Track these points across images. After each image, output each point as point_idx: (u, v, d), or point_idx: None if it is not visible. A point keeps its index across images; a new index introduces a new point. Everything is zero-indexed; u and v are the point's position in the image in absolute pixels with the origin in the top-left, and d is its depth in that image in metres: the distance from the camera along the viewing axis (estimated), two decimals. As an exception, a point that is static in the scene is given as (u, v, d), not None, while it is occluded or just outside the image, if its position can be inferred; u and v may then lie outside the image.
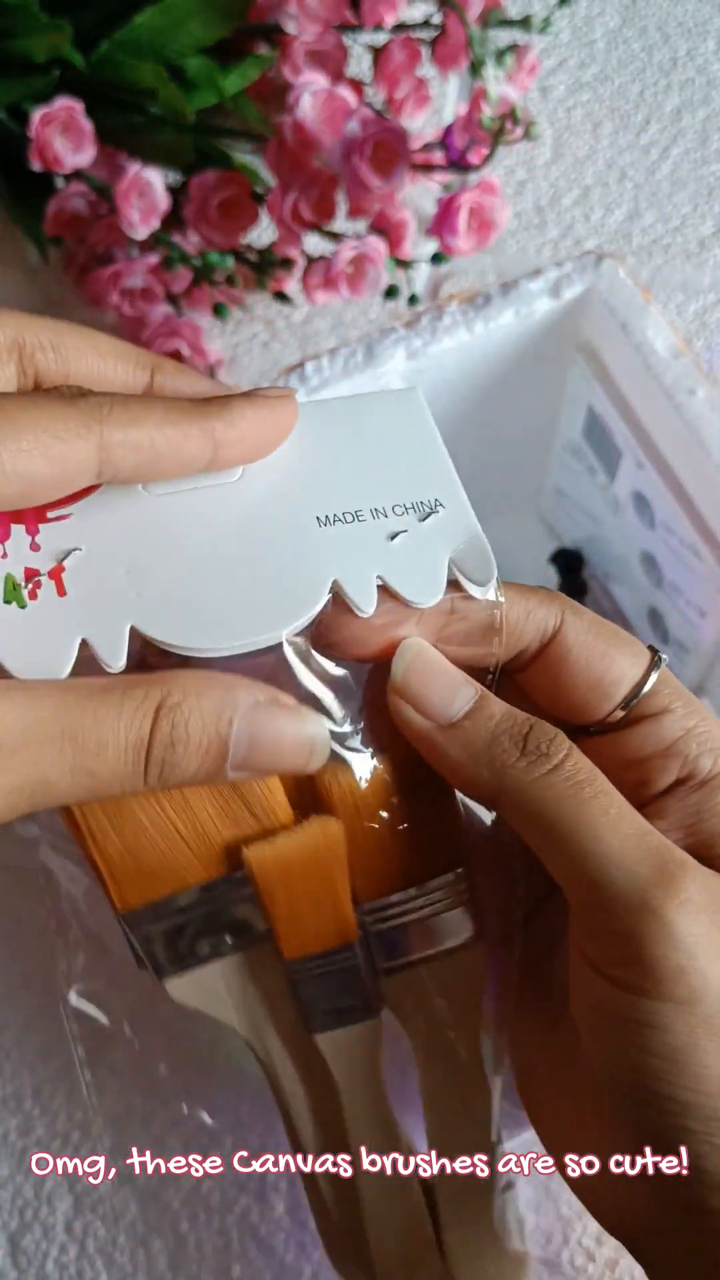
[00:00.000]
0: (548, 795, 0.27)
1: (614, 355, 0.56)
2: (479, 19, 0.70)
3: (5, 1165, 0.57)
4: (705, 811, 0.29)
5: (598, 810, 0.27)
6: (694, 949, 0.26)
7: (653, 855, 0.27)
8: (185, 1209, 0.56)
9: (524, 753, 0.28)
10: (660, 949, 0.26)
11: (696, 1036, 0.26)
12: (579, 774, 0.28)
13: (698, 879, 0.27)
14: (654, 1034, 0.27)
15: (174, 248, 0.72)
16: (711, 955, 0.26)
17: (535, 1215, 0.55)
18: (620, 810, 0.28)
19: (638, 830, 0.27)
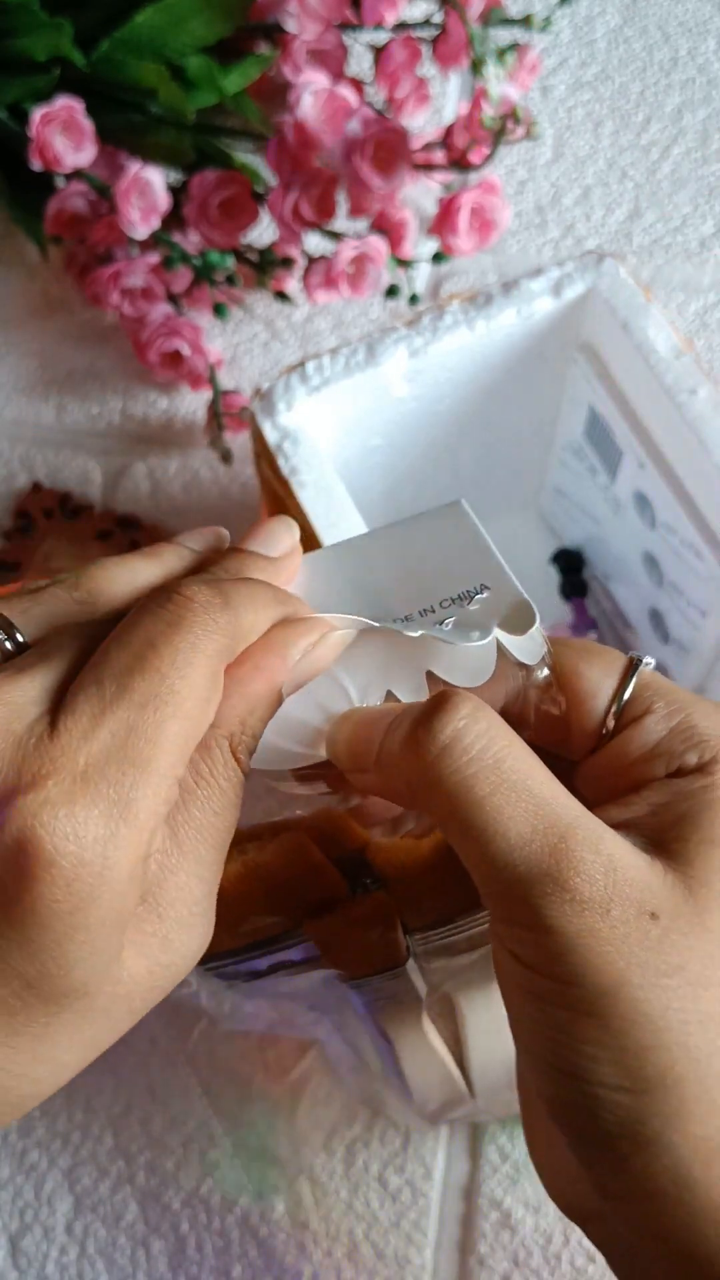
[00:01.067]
0: (441, 790, 0.27)
1: (615, 355, 0.55)
2: (480, 18, 0.70)
3: (6, 1166, 0.57)
4: (678, 794, 0.29)
5: (489, 809, 0.27)
6: (573, 940, 0.26)
7: (541, 854, 0.27)
8: (185, 1210, 0.56)
9: (414, 743, 0.28)
10: (535, 943, 0.27)
11: (575, 1016, 0.27)
12: (469, 762, 0.27)
13: (591, 871, 0.26)
14: (538, 1007, 0.27)
15: (174, 247, 0.72)
16: (593, 946, 0.26)
17: (535, 1215, 0.55)
18: (516, 802, 0.27)
19: (530, 827, 0.27)
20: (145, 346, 0.72)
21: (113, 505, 0.73)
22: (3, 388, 0.77)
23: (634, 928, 0.26)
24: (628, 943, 0.26)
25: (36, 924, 0.23)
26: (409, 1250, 0.55)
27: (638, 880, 0.27)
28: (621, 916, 0.26)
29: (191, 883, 0.27)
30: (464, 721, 0.27)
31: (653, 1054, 0.26)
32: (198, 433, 0.74)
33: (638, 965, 0.26)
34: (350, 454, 0.57)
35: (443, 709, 0.27)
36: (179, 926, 0.27)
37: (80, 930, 0.24)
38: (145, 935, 0.26)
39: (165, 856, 0.27)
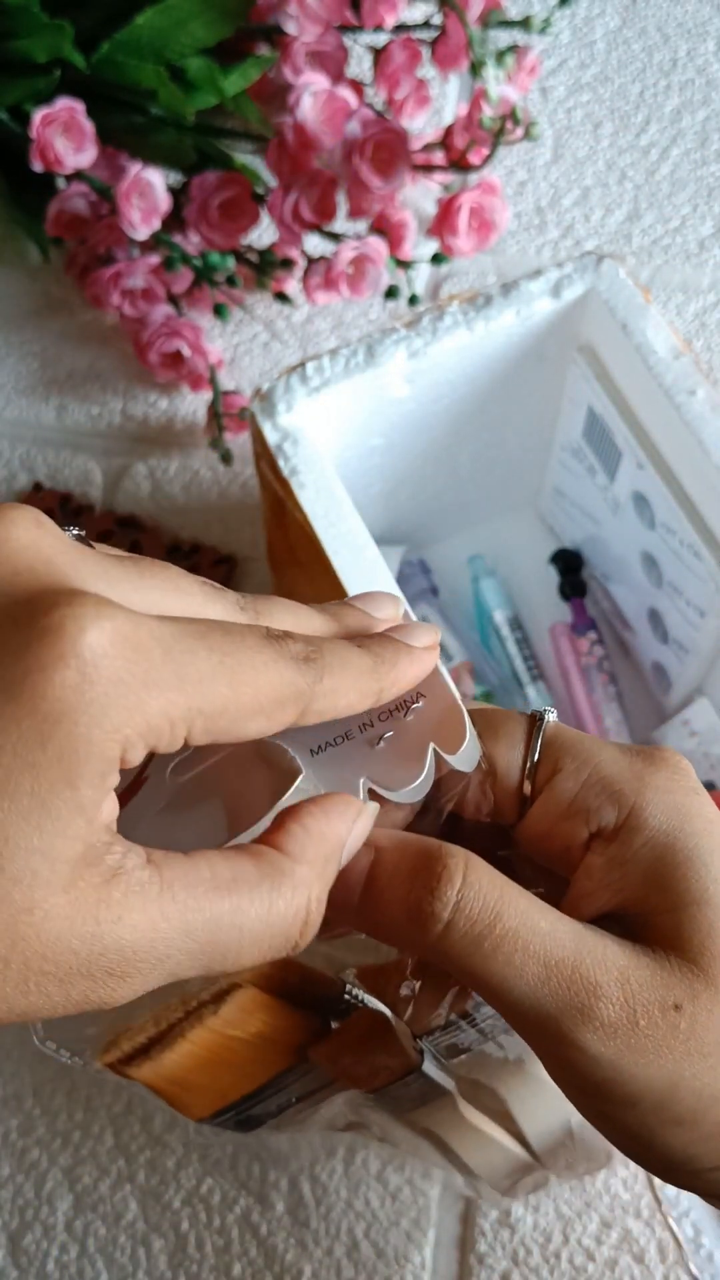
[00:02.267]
0: (452, 956, 0.28)
1: (614, 356, 0.56)
2: (479, 20, 0.70)
3: (6, 1165, 0.58)
4: (627, 862, 0.29)
5: (500, 961, 0.27)
6: (617, 1063, 0.27)
7: (560, 990, 0.27)
8: (185, 1208, 0.56)
9: (415, 921, 0.28)
10: (587, 1070, 0.28)
11: (649, 1128, 0.28)
12: (473, 926, 0.27)
13: (609, 992, 0.27)
14: (613, 1126, 0.29)
15: (175, 248, 0.72)
16: (636, 1060, 0.27)
17: (534, 1214, 0.55)
18: (524, 950, 0.28)
19: (543, 967, 0.27)
20: (146, 347, 0.72)
21: (113, 506, 0.73)
22: (3, 388, 0.77)
23: (664, 1027, 0.27)
24: (665, 1043, 0.27)
25: (33, 694, 0.22)
26: (409, 1248, 0.55)
27: (651, 980, 0.28)
28: (649, 1022, 0.27)
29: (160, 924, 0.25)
30: (461, 891, 0.28)
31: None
32: (198, 433, 0.74)
33: (683, 1058, 0.27)
34: (350, 454, 0.57)
35: (439, 883, 0.28)
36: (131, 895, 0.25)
37: (70, 725, 0.22)
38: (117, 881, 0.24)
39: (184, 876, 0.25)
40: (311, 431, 0.52)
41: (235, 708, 0.25)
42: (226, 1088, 0.37)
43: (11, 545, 0.24)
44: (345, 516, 0.50)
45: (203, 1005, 0.34)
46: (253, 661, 0.25)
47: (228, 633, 0.25)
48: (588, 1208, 0.55)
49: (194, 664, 0.24)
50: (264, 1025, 0.35)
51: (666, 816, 0.29)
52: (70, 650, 0.22)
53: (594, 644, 0.66)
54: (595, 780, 0.29)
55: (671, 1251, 0.54)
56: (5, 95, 0.73)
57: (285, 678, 0.25)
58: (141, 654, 0.23)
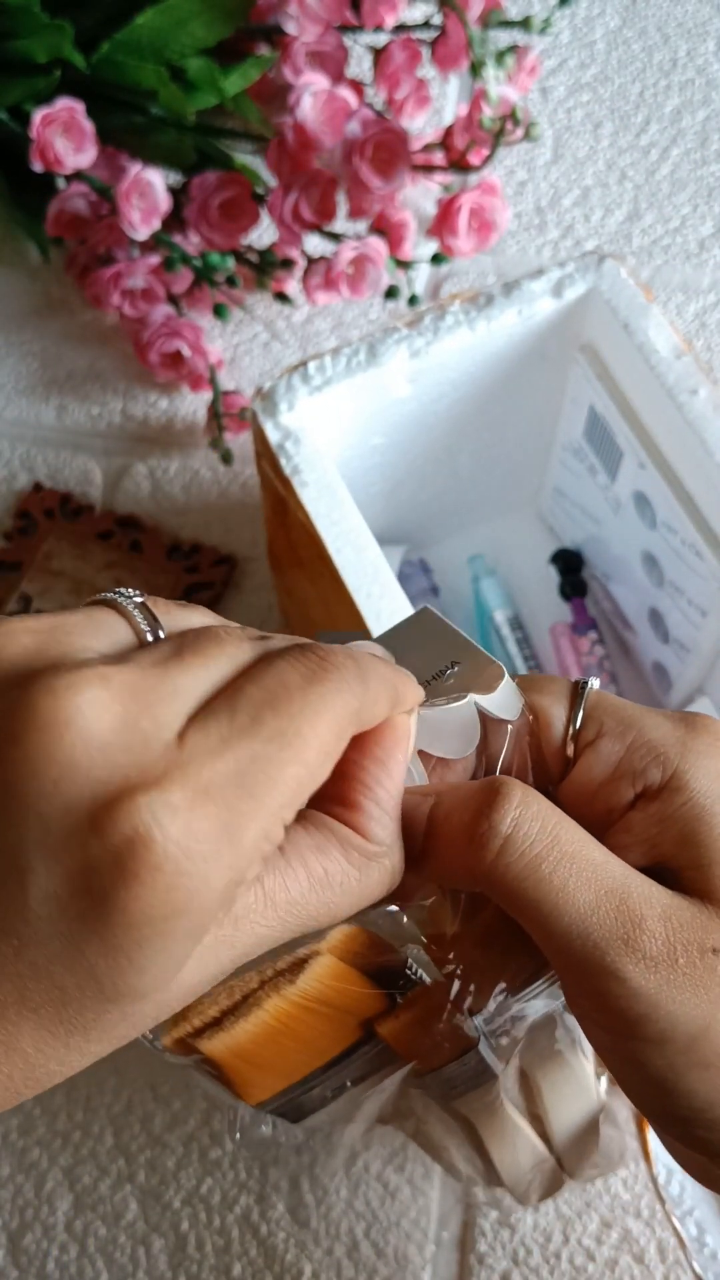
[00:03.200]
0: (507, 876, 0.29)
1: (615, 355, 0.56)
2: (479, 20, 0.70)
3: (6, 1165, 0.57)
4: (666, 820, 0.30)
5: (556, 885, 0.28)
6: (655, 997, 0.28)
7: (608, 919, 0.28)
8: (186, 1208, 0.56)
9: (472, 841, 0.29)
10: (624, 1003, 0.28)
11: (676, 1069, 0.29)
12: (531, 845, 0.28)
13: (652, 926, 0.28)
14: (638, 1069, 0.30)
15: (175, 248, 0.72)
16: (674, 996, 0.28)
17: (534, 1214, 0.55)
18: (578, 874, 0.28)
19: (594, 894, 0.28)
20: (146, 347, 0.72)
21: (113, 505, 0.73)
22: (4, 388, 0.77)
23: (702, 967, 0.28)
24: (702, 982, 0.28)
25: (125, 923, 0.23)
26: (409, 1248, 0.55)
27: (690, 922, 0.29)
28: (688, 961, 0.28)
29: (264, 931, 0.27)
30: (519, 810, 0.29)
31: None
32: (198, 433, 0.74)
33: (717, 1000, 0.28)
34: (351, 454, 0.57)
35: (496, 802, 0.29)
36: (227, 948, 0.27)
37: (163, 938, 0.24)
38: (203, 949, 0.26)
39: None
40: (313, 431, 0.52)
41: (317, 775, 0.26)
42: (294, 1064, 0.37)
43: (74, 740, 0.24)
44: (347, 515, 0.50)
45: (279, 974, 0.34)
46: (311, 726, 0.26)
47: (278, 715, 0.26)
48: (588, 1208, 0.55)
49: (268, 786, 0.25)
50: (340, 995, 0.35)
51: (708, 780, 0.29)
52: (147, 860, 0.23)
53: (594, 644, 0.66)
54: (640, 743, 0.30)
55: (672, 1251, 0.54)
56: (5, 95, 0.73)
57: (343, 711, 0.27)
58: (215, 825, 0.24)
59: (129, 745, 0.23)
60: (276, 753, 0.25)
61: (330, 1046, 0.37)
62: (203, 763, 0.24)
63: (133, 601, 0.27)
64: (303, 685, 0.26)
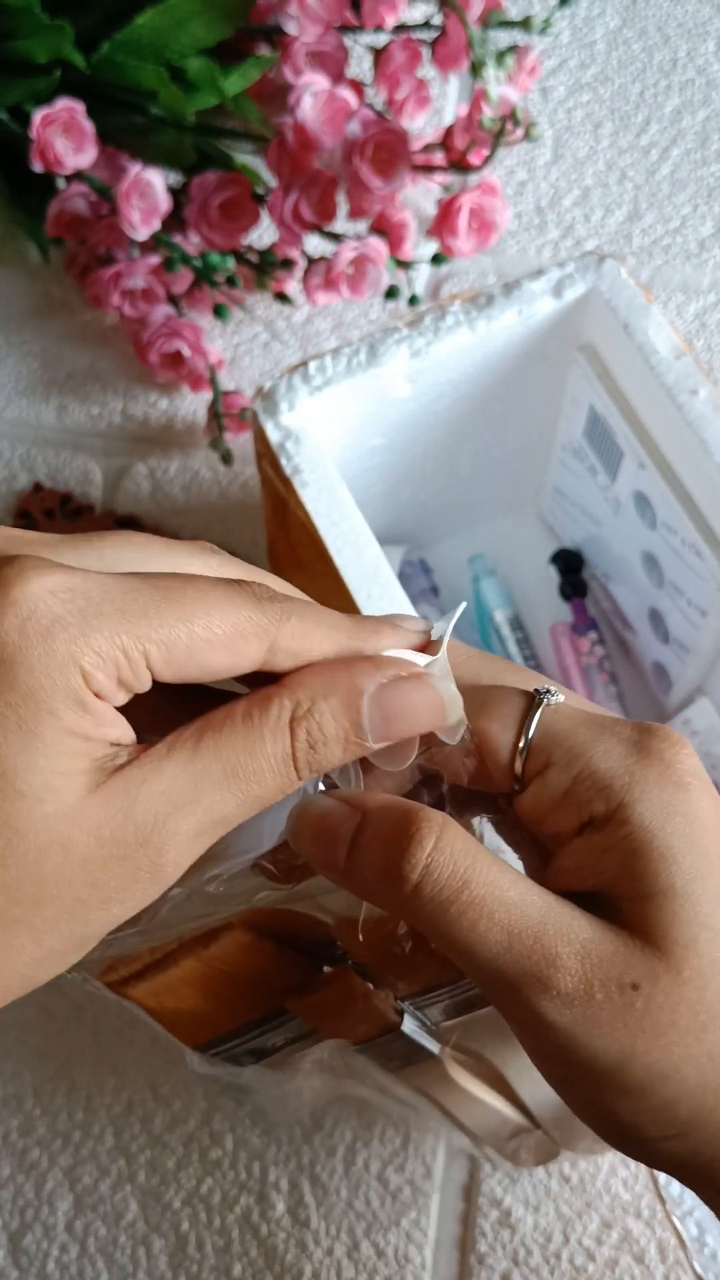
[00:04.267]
0: (420, 917, 0.29)
1: (615, 355, 0.56)
2: (479, 20, 0.70)
3: (6, 1165, 0.57)
4: (608, 849, 0.30)
5: (465, 927, 0.28)
6: (572, 1031, 0.29)
7: (520, 959, 0.28)
8: (186, 1208, 0.56)
9: (389, 881, 0.29)
10: (544, 1035, 0.29)
11: (600, 1095, 0.30)
12: (440, 890, 0.28)
13: (568, 964, 0.28)
14: (568, 1090, 0.31)
15: (175, 248, 0.72)
16: (591, 1031, 0.29)
17: (534, 1214, 0.55)
18: (488, 917, 0.28)
19: (505, 936, 0.28)
20: (146, 347, 0.72)
21: (113, 506, 0.73)
22: (4, 388, 0.77)
23: (620, 1003, 0.28)
24: (620, 1018, 0.28)
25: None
26: (409, 1249, 0.55)
27: (612, 958, 0.29)
28: (606, 997, 0.28)
29: (197, 779, 0.28)
30: (430, 855, 0.29)
31: (682, 1101, 0.29)
32: (198, 433, 0.74)
33: (636, 1033, 0.28)
34: (352, 454, 0.57)
35: (411, 841, 0.29)
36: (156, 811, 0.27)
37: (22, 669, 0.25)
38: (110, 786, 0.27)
39: (177, 745, 0.27)
40: (313, 431, 0.52)
41: (189, 639, 0.27)
42: (217, 1018, 0.39)
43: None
44: (347, 515, 0.50)
45: (195, 939, 0.36)
46: (204, 597, 0.27)
47: (179, 577, 0.28)
48: (588, 1208, 0.55)
49: (136, 599, 0.26)
50: (251, 965, 0.37)
51: (651, 813, 0.29)
52: (10, 601, 0.25)
53: (594, 644, 0.66)
54: (586, 775, 0.30)
55: (672, 1251, 0.54)
56: (5, 95, 0.72)
57: (242, 613, 0.28)
58: (78, 595, 0.26)
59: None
60: (162, 597, 0.27)
61: (247, 1010, 0.39)
62: (101, 574, 0.27)
63: None
64: (220, 584, 0.28)
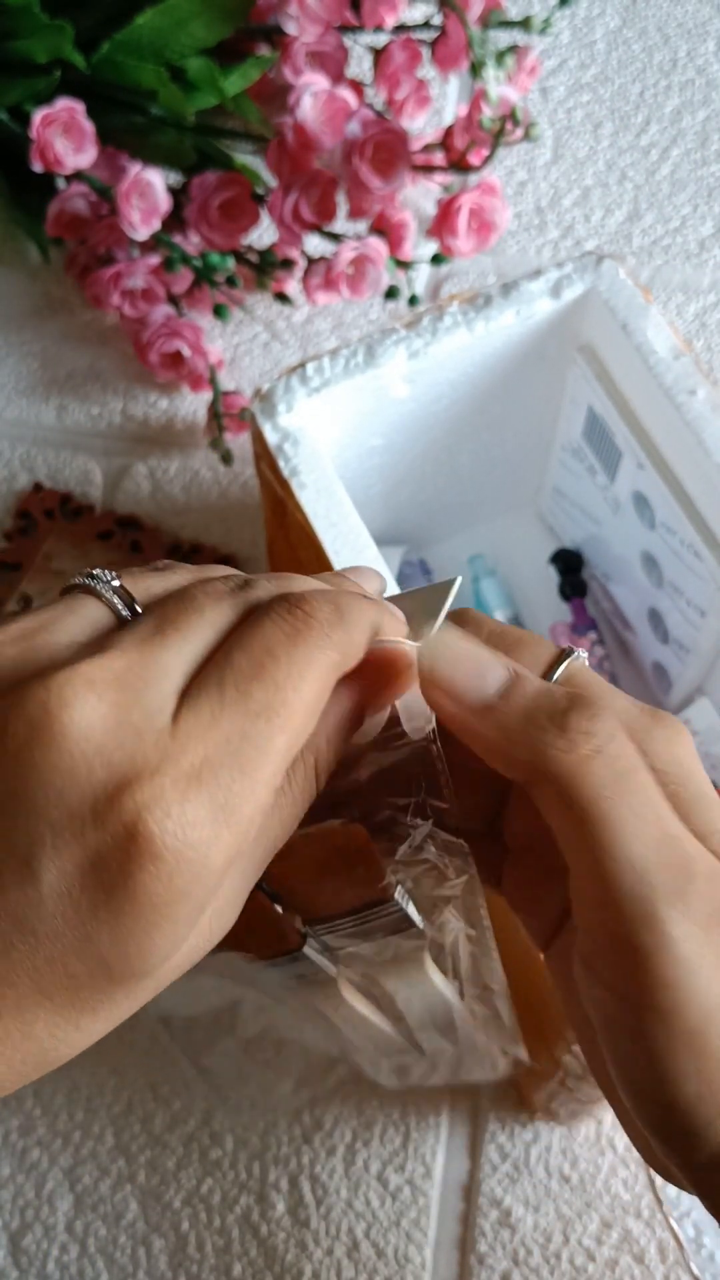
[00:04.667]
0: (589, 780, 0.27)
1: (614, 356, 0.56)
2: (479, 20, 0.70)
3: (6, 1165, 0.58)
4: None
5: (634, 807, 0.27)
6: (692, 962, 0.27)
7: (668, 863, 0.27)
8: (186, 1208, 0.56)
9: (564, 731, 0.28)
10: (659, 960, 0.27)
11: (676, 1048, 0.27)
12: (621, 760, 0.28)
13: (702, 886, 0.27)
14: (636, 1042, 0.28)
15: (175, 248, 0.72)
16: (702, 967, 0.27)
17: (534, 1214, 0.55)
18: (654, 810, 0.28)
19: (660, 834, 0.27)
20: (146, 347, 0.72)
21: (113, 506, 0.73)
22: (4, 389, 0.77)
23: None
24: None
25: (133, 911, 0.24)
26: (409, 1249, 0.55)
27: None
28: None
29: (240, 881, 0.28)
30: (616, 729, 0.28)
31: None
32: (198, 433, 0.74)
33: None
34: (350, 455, 0.57)
35: (596, 710, 0.28)
36: (218, 918, 0.28)
37: (169, 922, 0.25)
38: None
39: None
40: (312, 432, 0.52)
41: (303, 735, 0.27)
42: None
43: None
44: (346, 517, 0.50)
45: None
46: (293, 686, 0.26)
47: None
48: (588, 1208, 0.55)
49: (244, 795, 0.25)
50: None
51: (665, 765, 0.29)
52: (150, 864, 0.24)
53: (594, 644, 0.66)
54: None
55: (672, 1252, 0.54)
56: (5, 95, 0.73)
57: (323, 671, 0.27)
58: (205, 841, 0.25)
59: (122, 741, 0.24)
60: (265, 725, 0.25)
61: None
62: (194, 747, 0.25)
63: (108, 585, 0.28)
64: (287, 646, 0.26)
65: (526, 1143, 0.56)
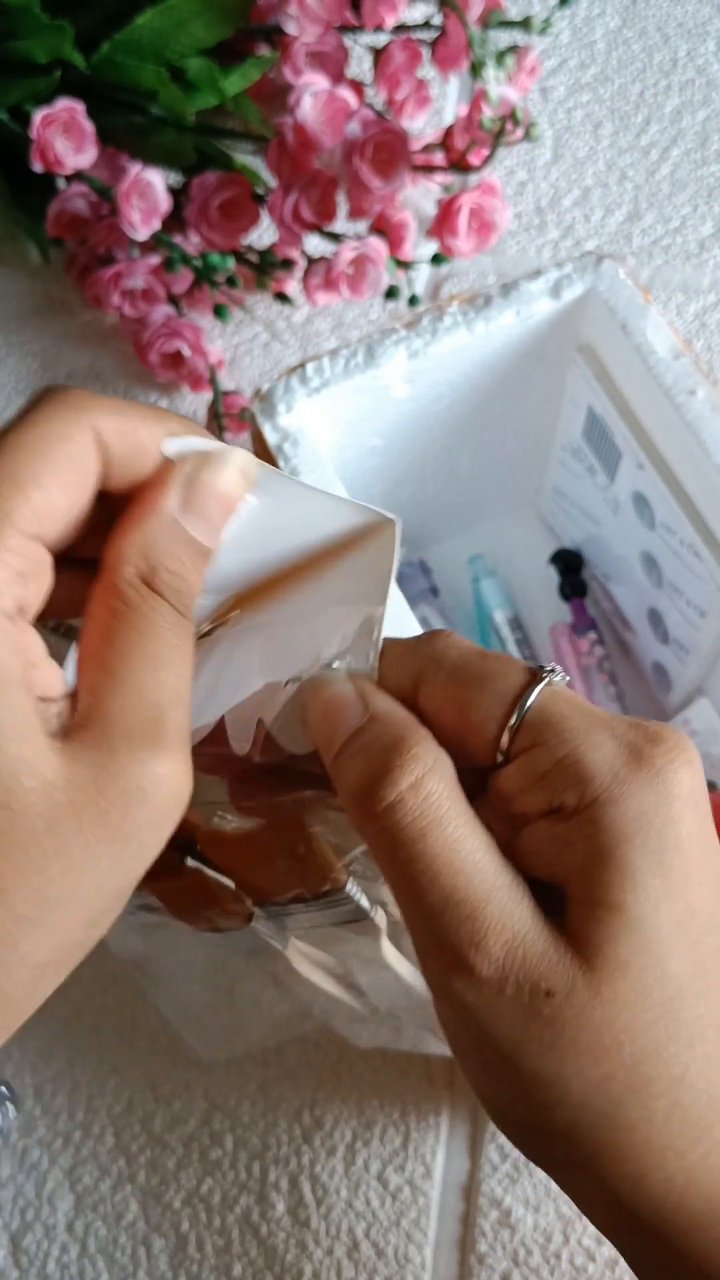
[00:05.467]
0: (375, 844, 0.29)
1: (614, 356, 0.56)
2: (479, 20, 0.70)
3: (6, 1164, 0.58)
4: (566, 844, 0.28)
5: (412, 873, 0.28)
6: (475, 1011, 0.28)
7: (451, 926, 0.28)
8: (186, 1208, 0.56)
9: (360, 795, 0.29)
10: (445, 1002, 0.29)
11: (487, 1068, 0.29)
12: (402, 831, 0.28)
13: (492, 950, 0.28)
14: (457, 1049, 0.30)
15: (175, 249, 0.72)
16: (491, 1019, 0.28)
17: (534, 1214, 0.55)
18: (436, 875, 0.28)
19: (445, 901, 0.28)
20: (146, 348, 0.72)
21: (113, 506, 0.73)
22: (4, 388, 0.77)
23: (528, 1005, 0.28)
24: (522, 1018, 0.28)
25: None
26: (409, 1249, 0.55)
27: (538, 959, 0.28)
28: (516, 995, 0.28)
29: (138, 697, 0.27)
30: (405, 792, 0.28)
31: (557, 1111, 0.28)
32: (198, 434, 0.74)
33: (532, 1039, 0.28)
34: (350, 455, 0.57)
35: (393, 770, 0.28)
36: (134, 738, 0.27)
37: None
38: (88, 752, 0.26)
39: (96, 685, 0.27)
40: (311, 432, 0.52)
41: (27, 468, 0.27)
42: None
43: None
44: (345, 517, 0.50)
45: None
46: (22, 421, 0.27)
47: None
48: (588, 1208, 0.55)
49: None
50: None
51: (623, 821, 0.28)
52: None
53: (594, 644, 0.66)
54: (570, 764, 0.28)
55: (672, 1251, 0.54)
56: (5, 95, 0.73)
57: (56, 417, 0.27)
58: None
59: None
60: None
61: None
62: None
63: None
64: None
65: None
